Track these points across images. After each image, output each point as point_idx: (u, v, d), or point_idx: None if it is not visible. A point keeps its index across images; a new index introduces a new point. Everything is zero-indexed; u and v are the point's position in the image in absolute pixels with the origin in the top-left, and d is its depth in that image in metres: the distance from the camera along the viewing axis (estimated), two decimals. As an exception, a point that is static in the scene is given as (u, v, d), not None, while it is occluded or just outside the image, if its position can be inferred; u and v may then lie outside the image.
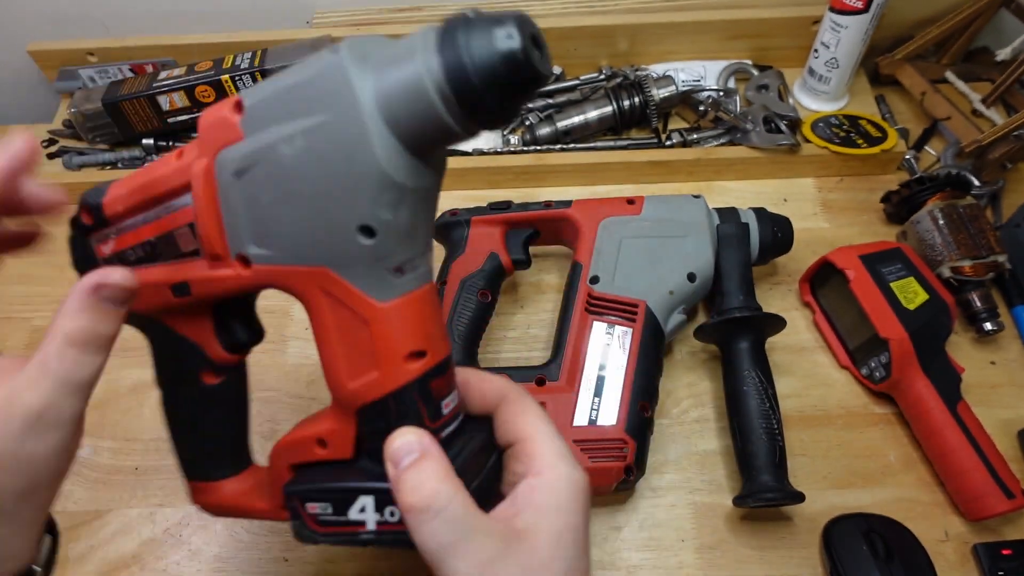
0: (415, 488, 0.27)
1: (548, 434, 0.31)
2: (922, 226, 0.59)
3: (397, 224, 0.26)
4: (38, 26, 0.75)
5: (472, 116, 0.24)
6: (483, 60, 0.23)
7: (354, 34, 0.71)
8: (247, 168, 0.27)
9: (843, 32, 0.64)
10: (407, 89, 0.24)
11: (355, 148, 0.25)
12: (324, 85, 0.25)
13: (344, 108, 0.25)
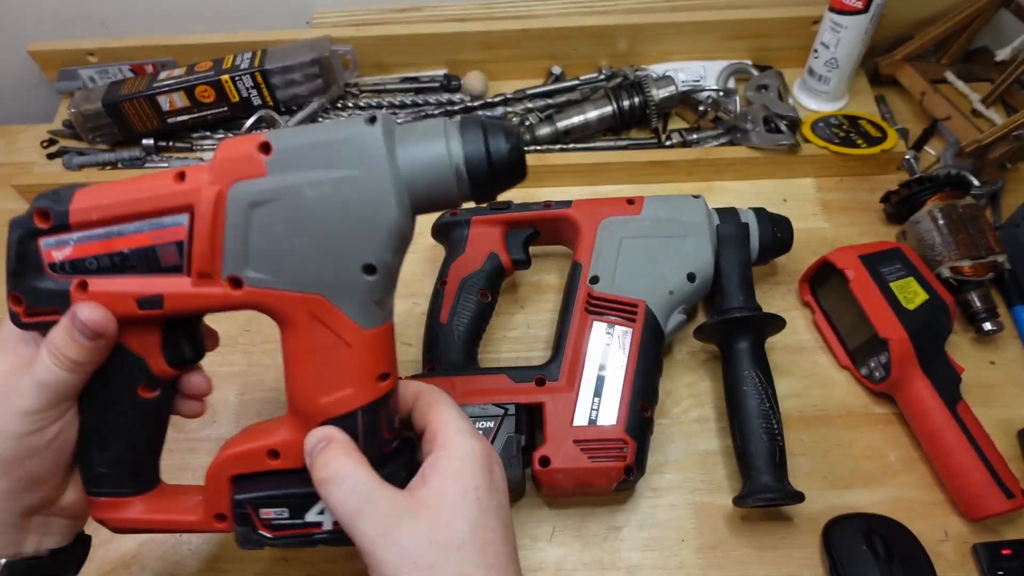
0: (323, 465, 0.32)
1: (451, 416, 0.36)
2: (922, 226, 0.59)
3: (393, 266, 0.32)
4: (38, 26, 0.75)
5: (473, 194, 0.33)
6: (499, 154, 0.32)
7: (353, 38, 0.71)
8: (266, 201, 0.31)
9: (843, 32, 0.64)
10: (432, 165, 0.31)
11: (377, 202, 0.31)
12: (360, 145, 0.30)
13: (375, 168, 0.30)
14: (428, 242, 0.61)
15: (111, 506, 0.38)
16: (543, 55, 0.74)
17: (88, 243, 0.33)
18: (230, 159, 0.31)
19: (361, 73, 0.74)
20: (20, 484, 0.35)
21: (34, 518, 0.37)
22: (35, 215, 0.33)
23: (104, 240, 0.33)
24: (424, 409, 0.37)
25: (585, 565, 0.50)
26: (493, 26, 0.72)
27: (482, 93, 0.74)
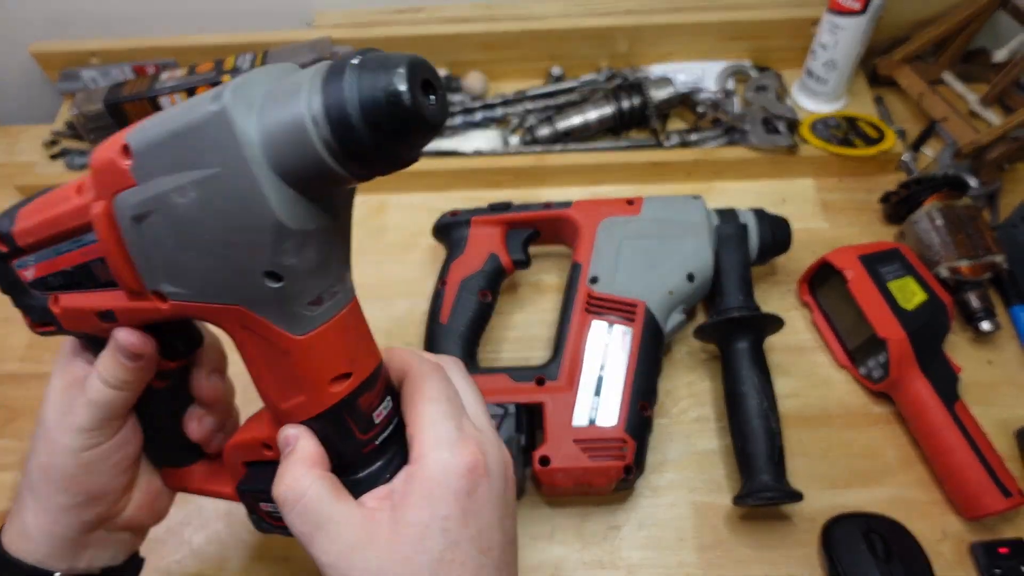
0: (278, 481, 0.29)
1: (434, 417, 0.30)
2: (920, 226, 0.60)
3: (305, 265, 0.26)
4: (40, 27, 0.75)
5: (354, 159, 0.23)
6: (366, 100, 0.22)
7: (353, 39, 0.71)
8: (145, 215, 0.26)
9: (841, 33, 0.65)
10: (289, 133, 0.23)
11: (248, 200, 0.24)
12: (209, 133, 0.23)
13: (231, 159, 0.23)
14: (428, 242, 0.62)
15: (173, 475, 0.40)
16: (543, 56, 0.75)
17: (42, 263, 0.33)
18: (102, 169, 0.27)
19: (361, 74, 0.75)
20: (79, 499, 0.35)
21: (94, 533, 0.37)
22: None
23: (51, 260, 0.32)
24: (407, 398, 0.31)
25: (585, 564, 0.50)
26: (493, 27, 0.72)
27: (482, 94, 0.74)
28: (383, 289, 0.63)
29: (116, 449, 0.35)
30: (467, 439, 0.30)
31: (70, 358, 0.36)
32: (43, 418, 0.35)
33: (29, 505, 0.35)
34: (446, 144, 0.70)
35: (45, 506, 0.35)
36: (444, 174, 0.68)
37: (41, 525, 0.35)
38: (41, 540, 0.35)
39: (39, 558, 0.35)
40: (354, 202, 0.29)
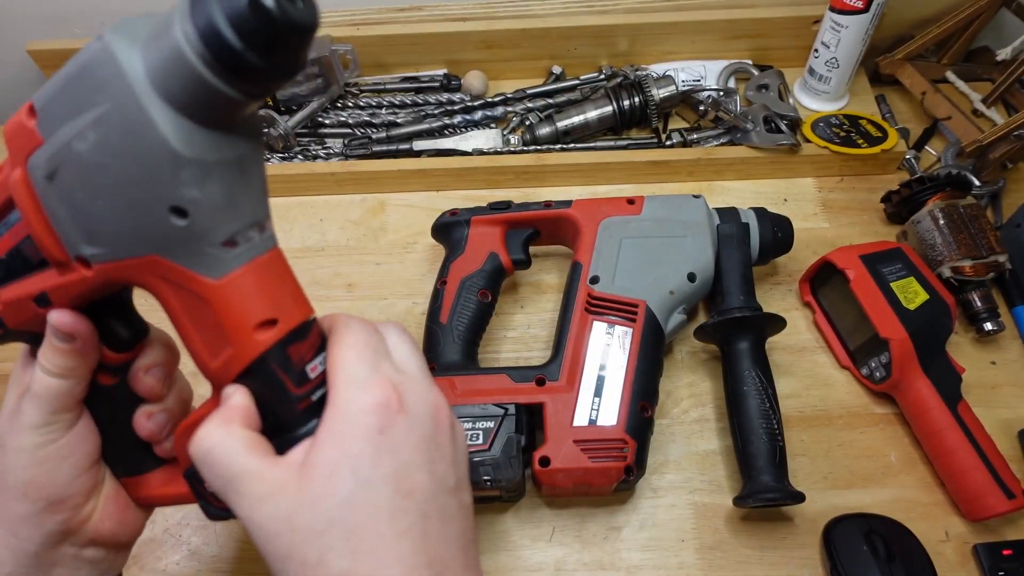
0: (194, 440, 0.29)
1: (347, 359, 0.29)
2: (922, 226, 0.59)
3: (210, 199, 0.26)
4: (37, 26, 0.75)
5: (241, 76, 0.24)
6: (233, 15, 0.22)
7: (353, 37, 0.71)
8: (55, 171, 0.27)
9: (843, 32, 0.64)
10: (171, 60, 0.23)
11: (141, 131, 0.24)
12: (97, 72, 0.24)
13: (119, 93, 0.24)
14: (428, 242, 0.61)
15: (134, 485, 0.38)
16: (543, 55, 0.74)
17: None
18: (13, 135, 0.28)
19: (361, 73, 0.74)
20: (39, 505, 0.33)
21: (63, 549, 0.35)
22: None
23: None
24: (329, 350, 0.30)
25: (585, 565, 0.50)
26: (493, 26, 0.72)
27: (482, 93, 0.74)
28: (383, 289, 0.63)
29: (72, 447, 0.34)
30: (380, 378, 0.28)
31: (21, 368, 0.35)
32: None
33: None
34: (446, 143, 0.69)
35: (4, 517, 0.33)
36: (444, 173, 0.68)
37: (1, 539, 0.33)
38: (4, 557, 0.33)
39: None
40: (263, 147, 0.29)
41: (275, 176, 0.68)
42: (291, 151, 0.70)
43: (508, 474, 0.46)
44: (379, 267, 0.64)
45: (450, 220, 0.58)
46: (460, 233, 0.57)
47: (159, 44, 0.24)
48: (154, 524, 0.52)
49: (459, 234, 0.57)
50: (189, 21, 0.23)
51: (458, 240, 0.57)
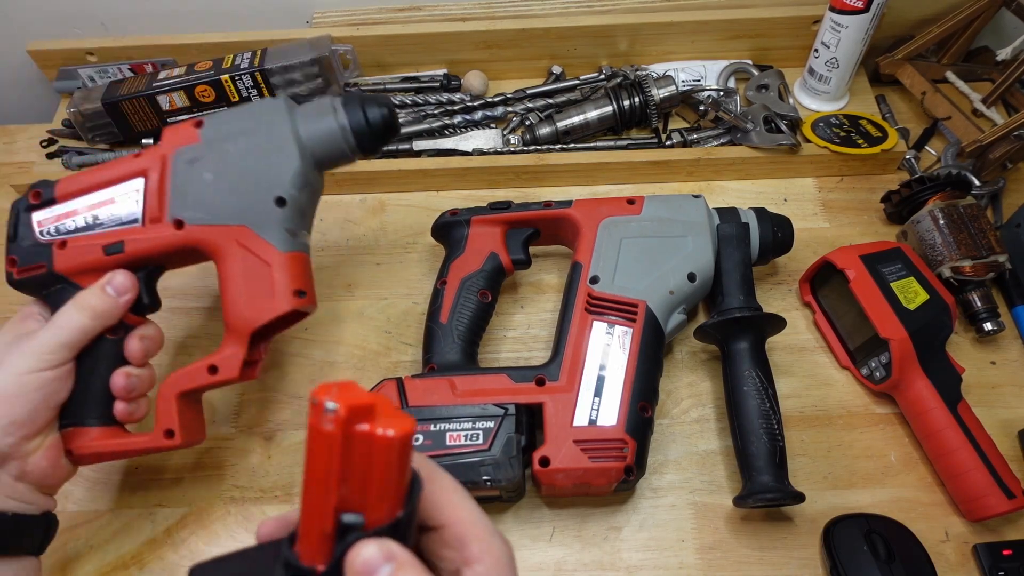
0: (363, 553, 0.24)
1: (475, 511, 0.28)
2: (922, 226, 0.59)
3: (299, 200, 0.44)
4: (37, 26, 0.75)
5: (360, 150, 0.46)
6: (375, 122, 0.45)
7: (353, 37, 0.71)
8: (199, 158, 0.44)
9: (843, 32, 0.64)
10: (326, 129, 0.45)
11: (282, 148, 0.44)
12: (268, 111, 0.45)
13: (279, 125, 0.44)
14: (428, 242, 0.61)
15: (75, 435, 0.44)
16: (543, 55, 0.74)
17: (67, 211, 0.46)
18: (173, 133, 0.45)
19: (361, 73, 0.74)
20: (1, 422, 0.39)
21: (1, 475, 0.40)
22: (30, 194, 0.46)
23: (79, 207, 0.46)
24: (436, 496, 0.28)
25: (585, 565, 0.50)
26: (493, 26, 0.72)
27: (482, 92, 0.74)
28: (383, 289, 0.63)
29: (53, 383, 0.41)
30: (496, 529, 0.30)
31: (23, 318, 0.44)
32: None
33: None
34: (446, 143, 0.69)
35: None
36: (444, 173, 0.68)
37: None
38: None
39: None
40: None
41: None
42: (291, 151, 0.70)
43: (508, 474, 0.46)
44: (379, 267, 0.64)
45: (450, 220, 0.58)
46: (460, 233, 0.57)
47: (315, 117, 0.45)
48: (155, 524, 0.52)
49: (459, 234, 0.57)
50: (345, 117, 0.45)
51: (458, 240, 0.57)
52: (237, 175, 0.44)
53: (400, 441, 0.22)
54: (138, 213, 0.44)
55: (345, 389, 0.22)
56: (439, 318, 0.54)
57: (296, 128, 0.44)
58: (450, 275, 0.56)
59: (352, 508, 0.23)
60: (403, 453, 0.23)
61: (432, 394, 0.49)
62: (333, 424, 0.21)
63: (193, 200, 0.44)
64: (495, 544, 0.28)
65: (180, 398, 0.45)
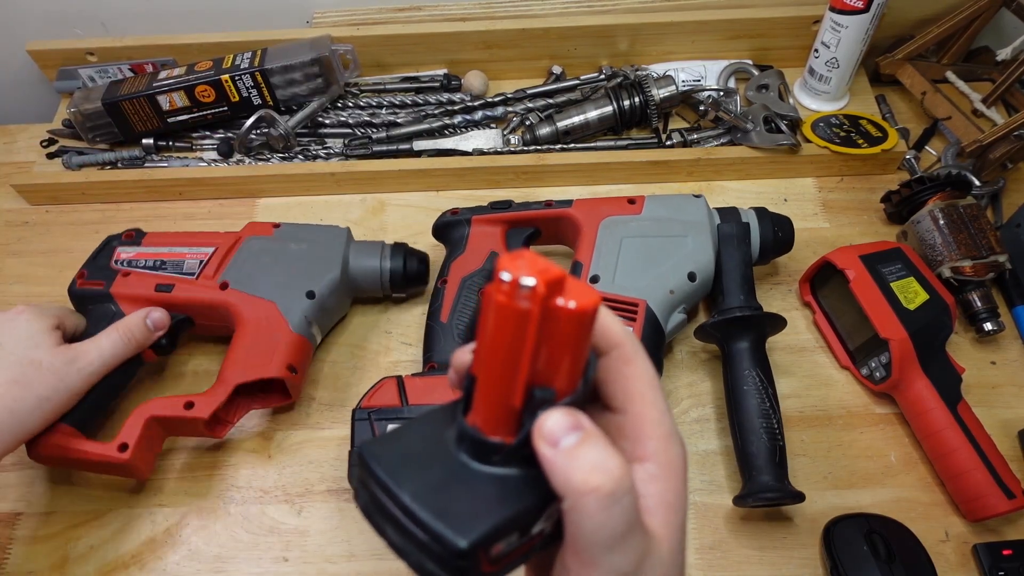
0: (597, 467, 0.22)
1: (661, 407, 0.26)
2: (922, 226, 0.59)
3: (326, 301, 0.56)
4: (37, 25, 0.75)
5: (392, 287, 0.58)
6: (411, 272, 0.58)
7: (353, 37, 0.71)
8: (266, 248, 0.57)
9: (843, 32, 0.64)
10: (370, 268, 0.58)
11: (329, 261, 0.56)
12: (331, 236, 0.58)
13: (334, 247, 0.57)
14: (429, 241, 0.61)
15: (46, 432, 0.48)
16: (543, 55, 0.74)
17: (144, 252, 0.57)
18: (255, 226, 0.59)
19: (361, 73, 0.74)
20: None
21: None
22: (124, 233, 0.59)
23: (155, 252, 0.57)
24: (623, 379, 0.26)
25: (585, 565, 0.50)
26: (493, 26, 0.72)
27: (482, 92, 0.74)
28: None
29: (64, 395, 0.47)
30: (678, 430, 0.27)
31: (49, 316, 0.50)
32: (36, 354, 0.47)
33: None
34: (446, 143, 0.69)
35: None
36: (444, 173, 0.68)
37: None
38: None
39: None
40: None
41: (275, 176, 0.68)
42: (291, 151, 0.70)
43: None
44: (379, 267, 0.64)
45: (451, 219, 0.58)
46: (461, 232, 0.57)
47: (368, 255, 0.58)
48: (155, 524, 0.52)
49: (460, 233, 0.57)
50: (388, 261, 0.58)
51: (459, 239, 0.57)
52: (287, 267, 0.55)
53: (593, 312, 0.22)
54: (196, 270, 0.55)
55: (530, 261, 0.21)
56: (439, 317, 0.54)
57: (347, 253, 0.57)
58: (451, 274, 0.56)
59: (540, 382, 0.23)
60: (591, 325, 0.22)
61: (432, 393, 0.49)
62: (530, 301, 0.20)
63: (245, 274, 0.55)
64: (672, 448, 0.26)
65: (148, 422, 0.49)
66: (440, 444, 0.24)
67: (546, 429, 0.23)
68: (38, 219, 0.69)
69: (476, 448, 0.24)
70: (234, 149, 0.70)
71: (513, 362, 0.22)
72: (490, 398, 0.23)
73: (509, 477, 0.24)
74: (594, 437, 0.23)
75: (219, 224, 0.67)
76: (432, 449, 0.24)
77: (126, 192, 0.69)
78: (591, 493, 0.22)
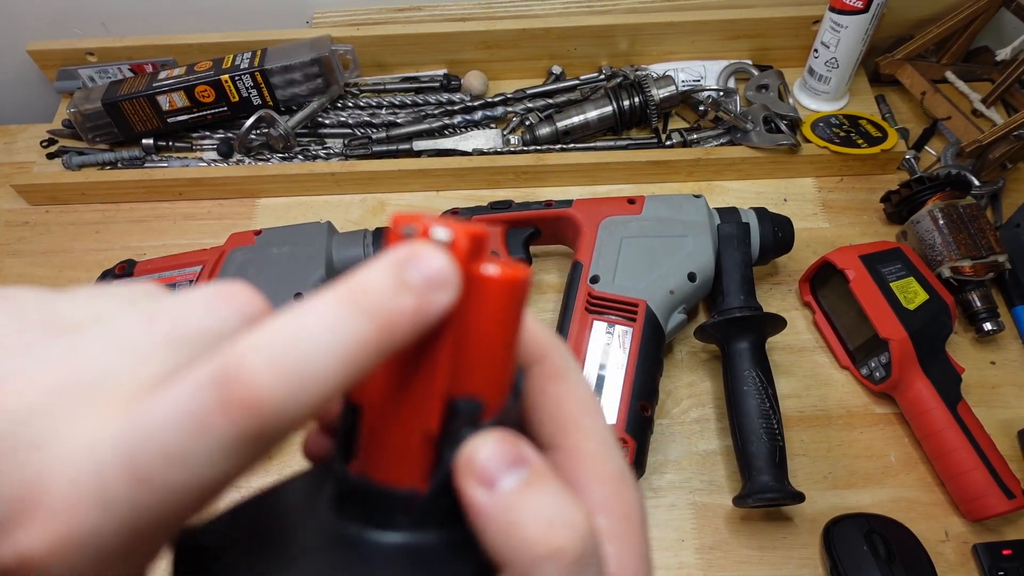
0: (555, 519, 0.15)
1: (606, 439, 0.19)
2: (922, 226, 0.59)
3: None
4: (37, 26, 0.75)
5: None
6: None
7: (353, 37, 0.71)
8: (250, 258, 0.57)
9: (843, 32, 0.64)
10: (353, 259, 0.57)
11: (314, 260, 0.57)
12: (311, 234, 0.58)
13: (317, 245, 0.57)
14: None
15: None
16: (543, 55, 0.74)
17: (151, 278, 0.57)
18: (236, 238, 0.59)
19: (361, 73, 0.74)
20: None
21: None
22: (117, 267, 0.59)
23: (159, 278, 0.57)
24: (553, 401, 0.19)
25: (585, 565, 0.50)
26: (493, 26, 0.72)
27: (482, 93, 0.74)
28: (382, 289, 0.63)
29: None
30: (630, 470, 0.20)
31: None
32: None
33: None
34: (446, 143, 0.69)
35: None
36: (444, 173, 0.68)
37: None
38: None
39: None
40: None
41: (275, 176, 0.68)
42: (291, 151, 0.70)
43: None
44: (379, 267, 0.64)
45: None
46: (460, 233, 0.57)
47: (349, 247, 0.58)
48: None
49: (459, 234, 0.57)
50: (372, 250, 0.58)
51: (458, 240, 0.57)
52: (272, 274, 0.55)
53: (527, 284, 0.15)
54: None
55: (436, 217, 0.15)
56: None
57: (330, 248, 0.57)
58: (450, 275, 0.56)
59: (460, 392, 0.16)
60: (524, 303, 0.16)
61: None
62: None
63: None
64: (627, 493, 0.19)
65: None
66: (310, 514, 0.17)
67: (478, 463, 0.15)
68: (38, 219, 0.69)
69: (370, 509, 0.16)
70: (234, 149, 0.70)
71: (425, 357, 0.15)
72: (389, 424, 0.16)
73: (425, 547, 0.16)
74: (544, 474, 0.16)
75: (219, 224, 0.67)
76: (298, 524, 0.17)
77: (126, 192, 0.69)
78: (549, 559, 0.15)
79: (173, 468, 0.13)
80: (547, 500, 0.16)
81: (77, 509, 0.13)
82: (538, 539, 0.15)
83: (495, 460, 0.16)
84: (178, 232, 0.68)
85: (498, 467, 0.16)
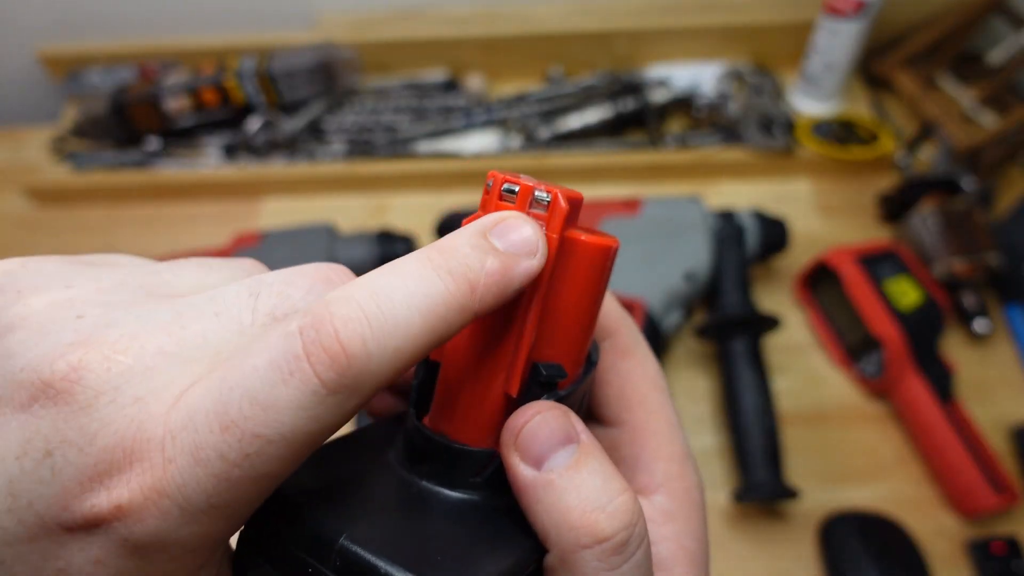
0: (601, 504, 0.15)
1: (670, 420, 0.19)
2: (916, 227, 0.60)
3: None
4: (46, 29, 0.76)
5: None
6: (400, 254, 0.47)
7: (356, 41, 0.72)
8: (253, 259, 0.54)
9: (837, 36, 0.65)
10: (358, 259, 0.57)
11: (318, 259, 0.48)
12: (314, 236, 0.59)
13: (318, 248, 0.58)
14: (429, 242, 0.62)
15: None
16: (543, 58, 0.75)
17: None
18: (240, 240, 0.60)
19: (364, 76, 0.75)
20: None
21: None
22: None
23: None
24: (620, 378, 0.20)
25: (584, 560, 0.51)
26: (493, 30, 0.73)
27: (482, 96, 0.75)
28: (384, 289, 0.64)
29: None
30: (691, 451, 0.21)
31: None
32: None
33: None
34: (447, 146, 0.70)
35: None
36: (444, 175, 0.69)
37: None
38: None
39: None
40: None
41: (279, 178, 0.69)
42: (294, 153, 0.71)
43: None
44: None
45: (453, 219, 0.59)
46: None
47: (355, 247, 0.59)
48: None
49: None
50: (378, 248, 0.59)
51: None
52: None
53: (615, 254, 0.15)
54: None
55: (541, 181, 0.14)
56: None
57: (332, 250, 0.58)
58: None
59: (540, 357, 0.15)
60: (610, 272, 0.16)
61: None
62: (547, 223, 0.15)
63: None
64: (688, 474, 0.19)
65: None
66: (384, 467, 0.16)
67: (524, 437, 0.15)
68: (46, 221, 0.70)
69: (443, 465, 0.16)
70: (238, 151, 0.71)
71: (513, 319, 0.15)
72: (469, 383, 0.15)
73: (494, 512, 0.15)
74: (594, 454, 0.15)
75: (223, 226, 0.68)
76: (374, 476, 0.16)
77: (132, 194, 0.70)
78: (590, 548, 0.15)
79: (260, 416, 0.13)
80: (594, 483, 0.15)
81: (173, 462, 0.13)
82: (581, 525, 0.14)
83: (545, 435, 0.15)
84: (183, 233, 0.69)
85: (547, 441, 0.15)
